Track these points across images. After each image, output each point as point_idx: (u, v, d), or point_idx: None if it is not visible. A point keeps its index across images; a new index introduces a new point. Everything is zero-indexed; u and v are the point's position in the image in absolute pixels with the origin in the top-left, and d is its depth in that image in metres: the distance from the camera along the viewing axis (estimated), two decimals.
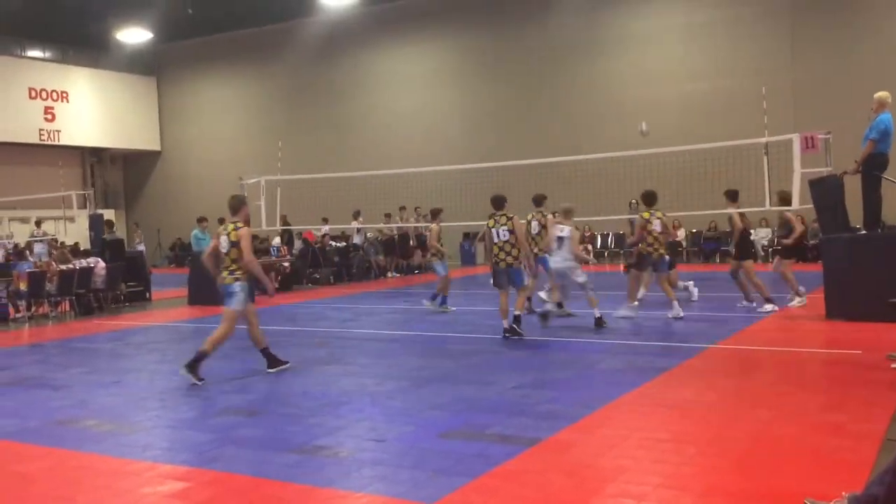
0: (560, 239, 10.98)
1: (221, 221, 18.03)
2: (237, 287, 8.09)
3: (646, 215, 11.23)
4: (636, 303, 11.97)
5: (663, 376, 7.45)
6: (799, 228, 12.22)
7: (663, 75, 23.10)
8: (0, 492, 4.90)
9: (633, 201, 17.99)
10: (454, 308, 13.21)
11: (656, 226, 11.19)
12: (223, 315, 8.22)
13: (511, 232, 9.70)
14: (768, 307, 11.52)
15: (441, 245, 13.54)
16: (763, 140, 12.86)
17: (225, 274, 8.15)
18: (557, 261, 10.96)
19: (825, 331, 9.96)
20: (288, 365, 8.52)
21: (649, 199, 11.41)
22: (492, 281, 10.34)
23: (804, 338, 9.48)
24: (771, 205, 12.86)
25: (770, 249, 21.57)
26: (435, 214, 13.60)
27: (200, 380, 7.92)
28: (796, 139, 11.74)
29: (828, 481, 4.37)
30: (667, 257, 11.55)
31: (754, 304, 11.79)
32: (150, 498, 4.77)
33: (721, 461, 4.89)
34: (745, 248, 11.96)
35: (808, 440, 5.25)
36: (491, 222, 9.89)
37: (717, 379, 7.33)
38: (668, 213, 13.74)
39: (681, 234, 22.62)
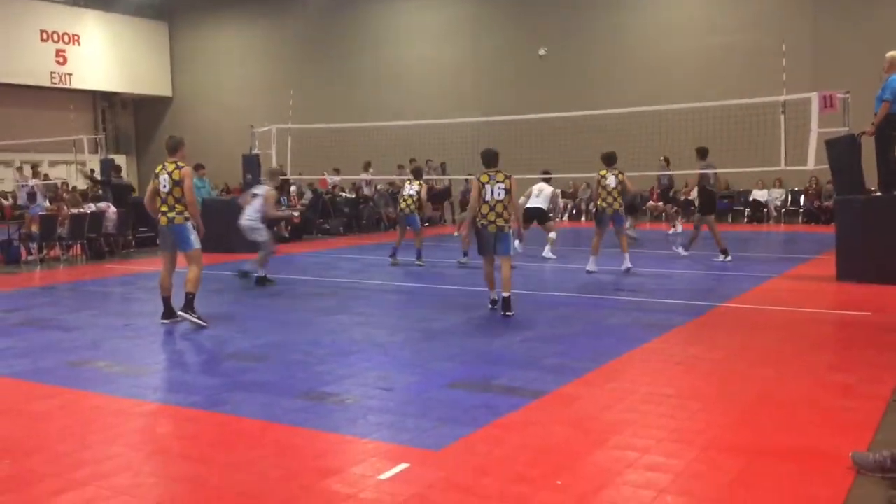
0: (254, 196, 11.17)
1: (249, 183, 17.58)
2: (190, 225, 8.15)
3: (602, 172, 11.78)
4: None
5: (671, 333, 7.46)
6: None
7: (684, 28, 22.69)
8: (13, 430, 4.97)
9: (662, 158, 17.89)
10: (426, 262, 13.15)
11: (611, 181, 11.65)
12: (189, 257, 8.25)
13: (507, 191, 8.55)
14: (721, 258, 12.72)
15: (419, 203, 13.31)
16: (781, 98, 12.67)
17: (172, 214, 8.13)
18: (244, 218, 11.09)
19: (836, 292, 9.93)
20: (178, 320, 8.18)
21: (608, 159, 11.94)
22: (477, 247, 9.06)
23: (814, 299, 9.44)
24: (786, 164, 12.72)
25: (783, 210, 21.45)
26: (418, 174, 13.65)
27: (205, 322, 7.99)
28: (815, 98, 11.56)
29: (834, 438, 4.38)
30: (622, 213, 12.16)
31: (684, 253, 13.38)
32: (161, 439, 4.83)
33: (726, 417, 4.90)
34: (709, 204, 13.05)
35: (815, 398, 5.26)
36: (485, 178, 8.59)
37: (724, 337, 7.33)
38: (681, 170, 13.71)
39: (695, 191, 22.43)
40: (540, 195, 13.62)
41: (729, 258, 12.73)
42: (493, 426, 4.76)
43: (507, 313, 8.38)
